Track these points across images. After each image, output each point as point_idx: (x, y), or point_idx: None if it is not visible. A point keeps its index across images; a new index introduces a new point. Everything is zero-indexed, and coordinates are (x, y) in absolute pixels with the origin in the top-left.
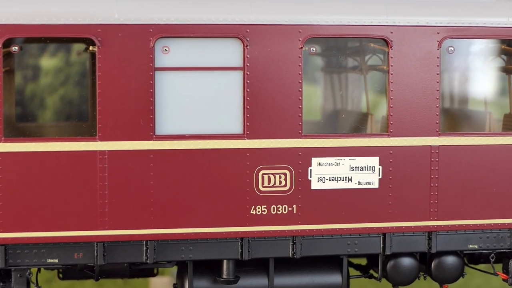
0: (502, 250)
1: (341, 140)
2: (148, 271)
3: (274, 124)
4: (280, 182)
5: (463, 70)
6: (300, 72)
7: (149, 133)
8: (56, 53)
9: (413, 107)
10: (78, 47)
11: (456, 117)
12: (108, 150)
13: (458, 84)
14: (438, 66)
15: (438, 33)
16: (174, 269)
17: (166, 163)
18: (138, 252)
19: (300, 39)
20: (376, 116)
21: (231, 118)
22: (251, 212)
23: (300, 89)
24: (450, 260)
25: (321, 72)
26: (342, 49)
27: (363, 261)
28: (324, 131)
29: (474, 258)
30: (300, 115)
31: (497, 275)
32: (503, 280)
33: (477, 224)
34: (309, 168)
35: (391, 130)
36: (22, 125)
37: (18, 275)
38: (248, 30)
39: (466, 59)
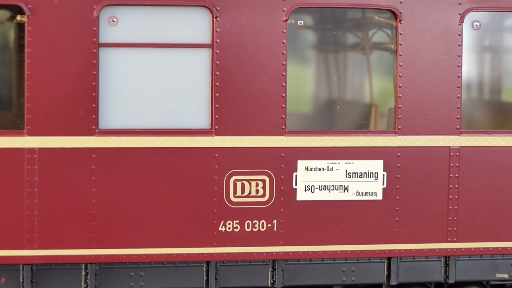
0: None
1: (335, 138)
2: None
3: (250, 117)
4: (257, 191)
5: (492, 51)
6: (284, 51)
7: (90, 126)
8: None
9: (428, 97)
10: (1, 15)
11: (482, 111)
12: (39, 148)
13: (485, 68)
14: (459, 45)
15: (460, 4)
16: None
17: (112, 165)
18: (76, 278)
19: (285, 9)
20: (381, 108)
21: (195, 109)
22: (220, 229)
23: (284, 73)
24: None
25: (312, 51)
26: (338, 22)
27: None
28: (314, 126)
29: None
30: (284, 106)
31: None
32: None
33: (507, 247)
34: (294, 174)
35: (400, 127)
36: None
37: None
38: None
39: (496, 37)
